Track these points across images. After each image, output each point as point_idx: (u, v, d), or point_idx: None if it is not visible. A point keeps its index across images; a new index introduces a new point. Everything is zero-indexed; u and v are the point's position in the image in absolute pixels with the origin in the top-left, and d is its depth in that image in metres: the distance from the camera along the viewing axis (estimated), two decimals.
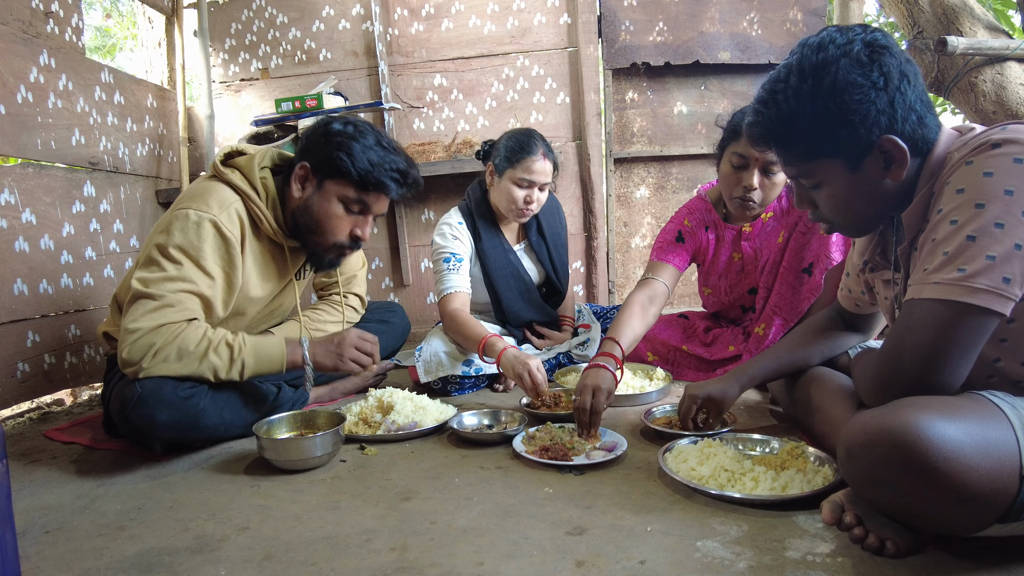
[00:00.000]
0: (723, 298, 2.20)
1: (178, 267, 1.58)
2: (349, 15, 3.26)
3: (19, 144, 2.11)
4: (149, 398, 1.51)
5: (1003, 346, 1.06)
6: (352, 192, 1.69)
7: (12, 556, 0.99)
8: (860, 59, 1.06)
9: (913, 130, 1.08)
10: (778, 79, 1.13)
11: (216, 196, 1.65)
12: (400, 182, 1.71)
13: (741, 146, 1.85)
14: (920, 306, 1.02)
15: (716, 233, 2.13)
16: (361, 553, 1.12)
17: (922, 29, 2.84)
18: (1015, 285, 0.96)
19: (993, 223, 0.96)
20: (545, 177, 2.16)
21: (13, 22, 2.13)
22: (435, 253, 2.22)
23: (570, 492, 1.32)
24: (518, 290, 2.29)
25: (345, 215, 1.72)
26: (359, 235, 1.75)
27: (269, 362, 1.66)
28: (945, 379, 1.01)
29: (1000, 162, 0.99)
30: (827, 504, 1.09)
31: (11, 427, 2.07)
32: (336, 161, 1.66)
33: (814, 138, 1.11)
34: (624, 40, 3.18)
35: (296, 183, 1.72)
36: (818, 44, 1.09)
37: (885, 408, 0.99)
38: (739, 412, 1.80)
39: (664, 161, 3.33)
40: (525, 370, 1.79)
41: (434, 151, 3.14)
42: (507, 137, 2.20)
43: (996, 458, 0.91)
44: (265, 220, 1.72)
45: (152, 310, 1.53)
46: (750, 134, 1.21)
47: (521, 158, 2.12)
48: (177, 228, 1.59)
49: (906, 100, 1.07)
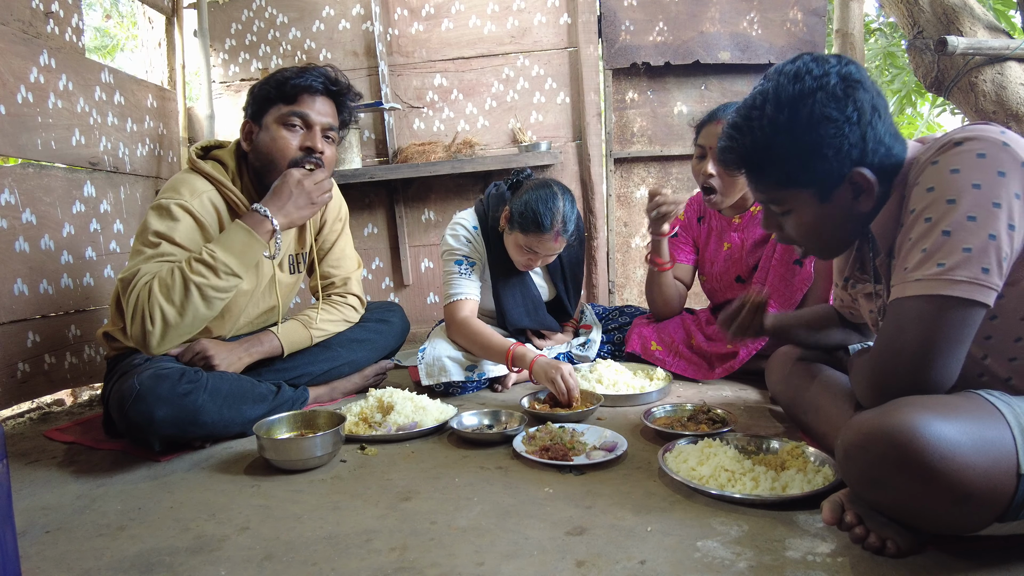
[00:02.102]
0: (715, 285, 2.29)
1: (155, 248, 1.63)
2: (349, 15, 3.26)
3: (19, 144, 2.11)
4: (147, 395, 1.51)
5: (988, 344, 1.08)
6: (284, 108, 1.73)
7: (12, 556, 0.99)
8: (835, 93, 1.07)
9: (882, 161, 1.11)
10: (753, 106, 1.14)
11: (187, 185, 1.71)
12: (320, 77, 1.75)
13: (702, 138, 2.02)
14: (905, 304, 1.03)
15: (708, 224, 2.27)
16: (361, 553, 1.12)
17: (922, 29, 2.83)
18: (994, 275, 0.98)
19: (966, 216, 0.99)
20: (553, 252, 2.10)
21: (13, 22, 2.13)
22: (446, 254, 2.19)
23: (570, 492, 1.32)
24: (524, 306, 2.27)
25: (288, 133, 1.74)
26: (311, 146, 1.75)
27: (242, 246, 1.63)
28: (937, 375, 1.02)
29: (964, 158, 1.02)
30: (827, 504, 1.10)
31: (11, 427, 2.07)
32: (261, 95, 1.74)
33: (787, 168, 1.13)
34: (624, 40, 3.18)
35: (245, 141, 1.79)
36: (794, 74, 1.10)
37: (882, 408, 0.99)
38: (739, 412, 1.80)
39: (664, 161, 3.33)
40: (558, 374, 1.81)
41: (434, 151, 3.14)
42: (531, 192, 2.04)
43: (993, 457, 0.91)
44: (241, 205, 1.75)
45: (135, 286, 1.59)
46: (722, 159, 1.22)
47: (532, 231, 2.02)
48: (152, 217, 1.67)
49: (877, 134, 1.09)
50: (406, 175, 3.08)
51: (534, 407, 1.84)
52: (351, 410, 1.80)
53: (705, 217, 2.29)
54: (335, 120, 1.81)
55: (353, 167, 3.06)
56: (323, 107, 1.77)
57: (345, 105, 1.83)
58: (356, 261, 2.21)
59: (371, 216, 3.33)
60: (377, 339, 2.19)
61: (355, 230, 3.34)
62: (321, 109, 1.76)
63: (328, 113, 1.78)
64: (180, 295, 1.57)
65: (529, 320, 2.27)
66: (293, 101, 1.73)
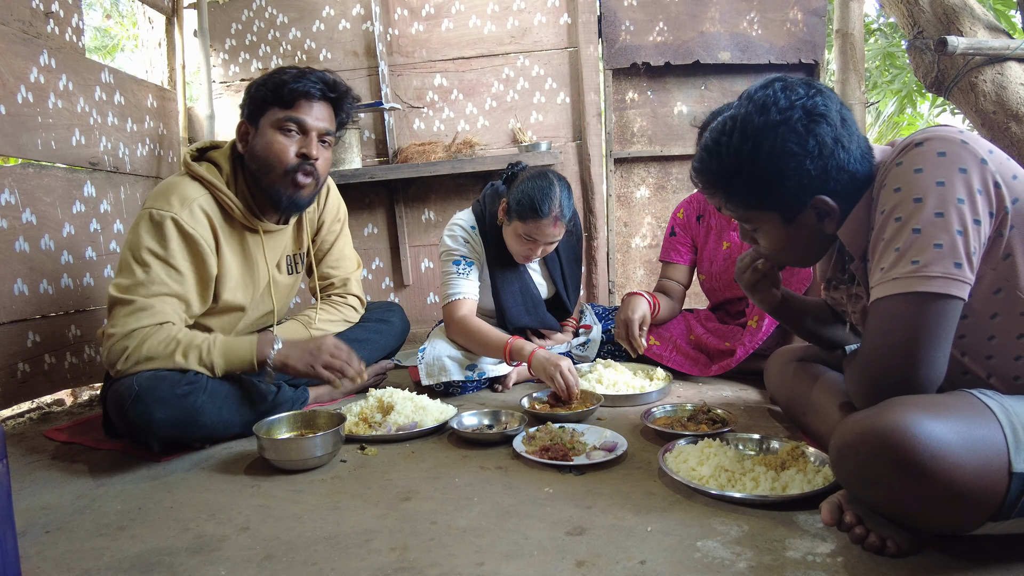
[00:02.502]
0: (715, 284, 2.29)
1: (147, 270, 1.63)
2: (349, 15, 3.26)
3: (19, 144, 2.10)
4: (146, 396, 1.52)
5: (963, 343, 1.10)
6: (280, 113, 1.72)
7: (12, 556, 0.99)
8: (797, 129, 1.12)
9: (845, 188, 1.16)
10: (723, 131, 1.18)
11: (178, 193, 1.69)
12: (318, 83, 1.74)
13: None
14: (885, 305, 1.05)
15: (708, 222, 2.28)
16: (361, 553, 1.12)
17: (922, 29, 2.83)
18: (966, 269, 1.01)
19: (933, 213, 1.02)
20: (552, 239, 2.09)
21: (13, 22, 2.13)
22: (444, 254, 2.19)
23: (570, 492, 1.32)
24: (524, 304, 2.27)
25: (284, 139, 1.73)
26: (306, 153, 1.74)
27: (240, 362, 1.68)
28: (925, 371, 1.03)
29: (925, 158, 1.06)
30: (827, 504, 1.10)
31: (11, 427, 2.07)
32: (258, 97, 1.72)
33: (751, 193, 1.18)
34: (624, 40, 3.18)
35: (241, 142, 1.77)
36: (762, 105, 1.14)
37: (874, 408, 1.00)
38: (739, 412, 1.80)
39: (664, 161, 3.33)
40: (557, 371, 1.81)
41: (434, 151, 3.13)
42: (527, 182, 2.06)
43: (984, 456, 0.91)
44: (236, 208, 1.74)
45: (127, 315, 1.60)
46: (695, 180, 1.27)
47: (530, 217, 2.03)
48: (143, 230, 1.65)
49: (839, 163, 1.14)
50: (406, 175, 3.07)
51: (534, 407, 1.84)
52: (351, 410, 1.80)
53: (704, 216, 2.30)
54: (332, 125, 1.80)
55: (353, 167, 3.06)
56: (320, 112, 1.76)
57: (342, 108, 1.83)
58: (356, 261, 2.21)
59: (371, 216, 3.33)
60: (377, 339, 2.19)
61: (355, 230, 3.34)
62: (318, 115, 1.75)
63: (325, 118, 1.78)
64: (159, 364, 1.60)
65: (529, 317, 2.27)
66: (290, 106, 1.72)
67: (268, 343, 1.71)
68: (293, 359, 1.71)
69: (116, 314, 1.61)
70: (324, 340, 1.75)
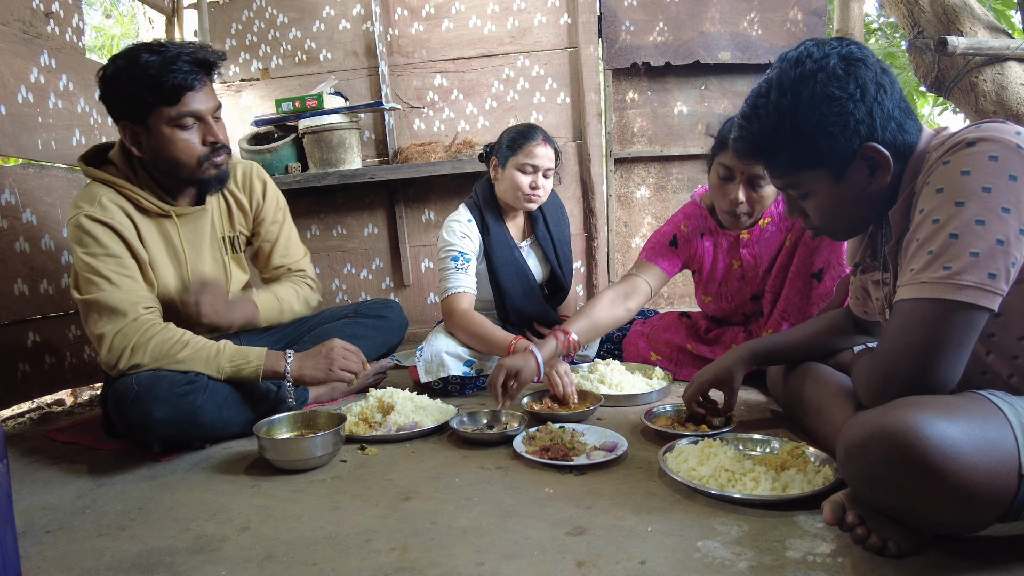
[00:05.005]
0: (724, 305, 2.17)
1: (94, 268, 1.63)
2: (349, 15, 3.26)
3: (19, 144, 2.11)
4: (145, 395, 1.52)
5: (992, 341, 1.08)
6: (171, 111, 1.63)
7: (12, 556, 0.99)
8: (836, 72, 1.09)
9: (894, 136, 1.11)
10: (759, 94, 1.16)
11: (83, 197, 1.69)
12: (191, 70, 1.63)
13: (727, 158, 1.82)
14: (910, 306, 1.03)
15: (713, 240, 2.09)
16: (361, 553, 1.12)
17: (922, 29, 2.83)
18: (1000, 280, 0.98)
19: (974, 220, 0.98)
20: (548, 162, 2.20)
21: (13, 22, 2.13)
22: (442, 250, 2.20)
23: (570, 492, 1.32)
24: (522, 288, 2.28)
25: (185, 134, 1.67)
26: (212, 140, 1.70)
27: (246, 370, 1.68)
28: (940, 377, 1.01)
29: (976, 160, 1.01)
30: (828, 504, 1.09)
31: (11, 427, 2.07)
32: (135, 97, 1.61)
33: (797, 150, 1.14)
34: (624, 40, 3.18)
35: (132, 144, 1.69)
36: (796, 59, 1.12)
37: (883, 408, 0.99)
38: (739, 412, 1.80)
39: (664, 161, 3.33)
40: (552, 370, 1.84)
41: (434, 151, 3.13)
42: (506, 131, 2.26)
43: (995, 457, 0.91)
44: (143, 198, 1.72)
45: (104, 311, 1.61)
46: (736, 148, 1.23)
47: (522, 143, 2.16)
48: (72, 240, 1.67)
49: (884, 109, 1.10)
50: (406, 175, 3.07)
51: (534, 407, 1.84)
52: (351, 410, 1.80)
53: (708, 234, 2.09)
54: (216, 98, 1.73)
55: (353, 167, 3.06)
56: (205, 93, 1.69)
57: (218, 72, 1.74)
58: (303, 250, 2.15)
59: (371, 216, 3.33)
60: (375, 335, 2.19)
61: (355, 230, 3.34)
62: (205, 97, 1.69)
63: (211, 95, 1.71)
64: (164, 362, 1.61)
65: (527, 303, 2.29)
66: (176, 102, 1.63)
67: (279, 356, 1.71)
68: (308, 369, 1.73)
69: (92, 317, 1.62)
70: (333, 344, 1.77)
